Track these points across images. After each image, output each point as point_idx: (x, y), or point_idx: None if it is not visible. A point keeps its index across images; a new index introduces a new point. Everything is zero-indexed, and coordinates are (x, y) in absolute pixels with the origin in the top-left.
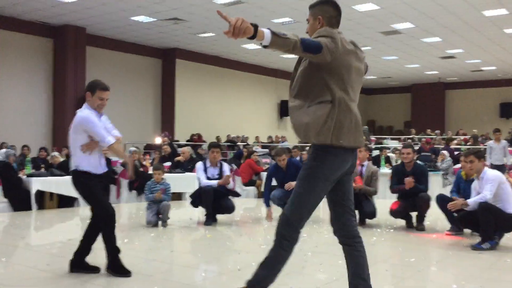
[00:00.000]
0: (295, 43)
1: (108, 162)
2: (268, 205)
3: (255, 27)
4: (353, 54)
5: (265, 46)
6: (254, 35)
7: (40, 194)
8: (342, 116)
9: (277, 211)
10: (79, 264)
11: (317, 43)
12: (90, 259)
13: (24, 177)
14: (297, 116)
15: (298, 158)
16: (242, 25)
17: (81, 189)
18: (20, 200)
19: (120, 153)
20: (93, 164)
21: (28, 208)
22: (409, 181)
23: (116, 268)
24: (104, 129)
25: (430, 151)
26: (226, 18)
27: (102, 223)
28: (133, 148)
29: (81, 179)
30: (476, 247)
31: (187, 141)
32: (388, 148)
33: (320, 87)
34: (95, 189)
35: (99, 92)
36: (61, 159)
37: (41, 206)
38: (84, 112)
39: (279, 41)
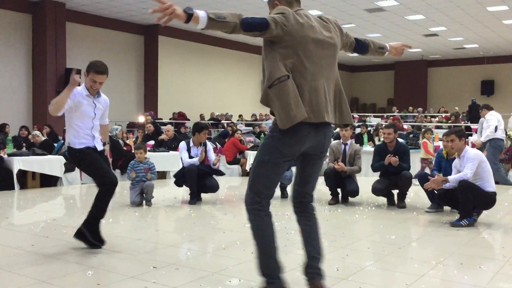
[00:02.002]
0: (234, 25)
1: None
2: None
3: (189, 14)
4: (313, 27)
5: (202, 29)
6: (188, 20)
7: (22, 173)
8: (297, 90)
9: None
10: (87, 232)
11: (262, 19)
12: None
13: (5, 156)
14: (271, 102)
15: None
16: (171, 11)
17: (78, 165)
18: (1, 180)
19: (62, 98)
20: (85, 141)
21: (11, 187)
22: (394, 160)
23: (92, 232)
24: (72, 100)
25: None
26: (159, 0)
27: (103, 190)
28: (116, 127)
29: (76, 155)
30: (455, 224)
31: (170, 119)
32: (371, 126)
33: (273, 66)
34: (91, 160)
35: (92, 74)
36: (43, 138)
37: (23, 185)
38: (77, 89)
39: (216, 24)
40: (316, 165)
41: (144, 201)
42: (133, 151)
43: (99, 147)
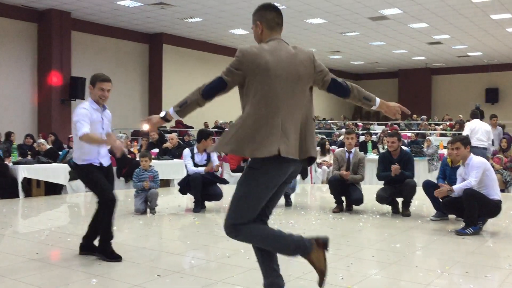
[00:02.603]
0: (196, 100)
1: None
2: None
3: (164, 115)
4: (276, 62)
5: (180, 118)
6: (167, 119)
7: (27, 181)
8: (253, 126)
9: None
10: (87, 247)
11: (217, 80)
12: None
13: (10, 164)
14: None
15: None
16: (153, 122)
17: (81, 179)
18: (6, 188)
19: (97, 141)
20: (89, 157)
21: (15, 195)
22: (395, 168)
23: (107, 253)
24: (89, 122)
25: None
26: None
27: (103, 207)
28: (120, 135)
29: (78, 170)
30: (460, 232)
31: (172, 127)
32: (375, 134)
33: (242, 105)
34: (93, 177)
35: (99, 83)
36: (48, 146)
37: (28, 193)
38: (80, 105)
39: (184, 111)
40: (281, 190)
41: (148, 209)
42: (137, 159)
43: (105, 162)
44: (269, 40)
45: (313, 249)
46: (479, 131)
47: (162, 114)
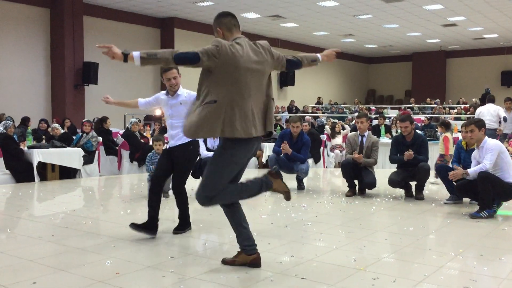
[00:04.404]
0: (166, 60)
1: (109, 133)
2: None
3: (125, 55)
4: (240, 57)
5: (139, 65)
6: (125, 60)
7: (42, 165)
8: (231, 112)
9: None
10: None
11: (193, 54)
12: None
13: (25, 149)
14: (189, 118)
15: None
16: (110, 53)
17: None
18: (22, 172)
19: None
20: (168, 141)
21: (31, 179)
22: (408, 154)
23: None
24: (154, 100)
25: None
26: (102, 46)
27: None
28: (133, 119)
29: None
30: (474, 216)
31: None
32: (389, 118)
33: (207, 90)
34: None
35: (163, 75)
36: (62, 131)
37: (43, 177)
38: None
39: (148, 61)
40: (244, 166)
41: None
42: (150, 144)
43: (173, 143)
44: (234, 39)
45: (273, 181)
46: (487, 114)
47: (126, 52)
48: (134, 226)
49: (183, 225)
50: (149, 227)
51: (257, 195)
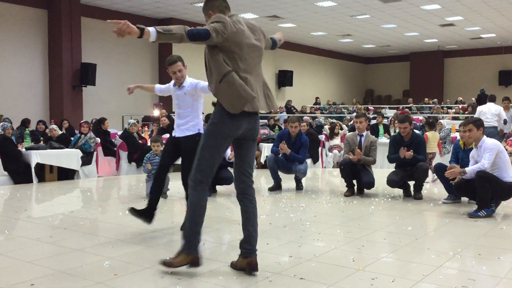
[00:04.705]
0: (181, 36)
1: (107, 134)
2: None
3: (141, 29)
4: (245, 33)
5: (153, 41)
6: (141, 35)
7: (40, 167)
8: (235, 85)
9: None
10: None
11: (205, 30)
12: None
13: (23, 150)
14: (223, 93)
15: None
16: (126, 28)
17: None
18: (20, 173)
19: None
20: (174, 130)
21: (29, 180)
22: (408, 154)
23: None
24: (166, 88)
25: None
26: (115, 22)
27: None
28: (131, 120)
29: None
30: (472, 215)
31: None
32: (387, 118)
33: (221, 64)
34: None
35: (169, 67)
36: (60, 132)
37: (41, 178)
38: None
39: (164, 37)
40: (250, 148)
41: None
42: (148, 144)
43: (180, 134)
44: (230, 17)
45: (190, 256)
46: (488, 113)
47: (140, 26)
48: (133, 211)
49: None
50: (147, 214)
51: (185, 228)
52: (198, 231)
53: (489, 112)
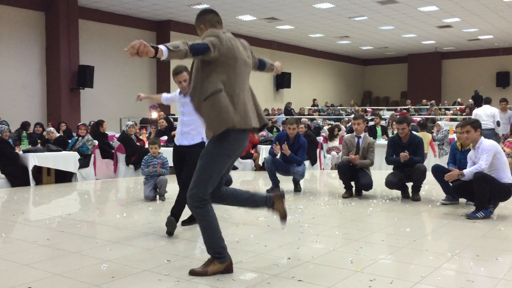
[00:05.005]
0: (186, 52)
1: (105, 136)
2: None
3: (156, 48)
4: (239, 49)
5: (164, 60)
6: (155, 54)
7: (38, 169)
8: (220, 106)
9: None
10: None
11: (203, 45)
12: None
13: (20, 152)
14: (204, 111)
15: None
16: (144, 48)
17: None
18: (17, 176)
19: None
20: (176, 138)
21: (26, 183)
22: (404, 155)
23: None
24: (172, 96)
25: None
26: (131, 47)
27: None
28: (129, 122)
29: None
30: (470, 216)
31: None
32: (384, 119)
33: (211, 80)
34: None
35: (175, 77)
36: (57, 135)
37: (38, 181)
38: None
39: (174, 55)
40: (233, 163)
41: (157, 196)
42: (146, 147)
43: (184, 142)
44: (223, 33)
45: (275, 201)
46: (482, 115)
47: (155, 46)
48: (187, 222)
49: (193, 218)
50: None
51: (257, 209)
52: (219, 236)
53: (485, 114)
